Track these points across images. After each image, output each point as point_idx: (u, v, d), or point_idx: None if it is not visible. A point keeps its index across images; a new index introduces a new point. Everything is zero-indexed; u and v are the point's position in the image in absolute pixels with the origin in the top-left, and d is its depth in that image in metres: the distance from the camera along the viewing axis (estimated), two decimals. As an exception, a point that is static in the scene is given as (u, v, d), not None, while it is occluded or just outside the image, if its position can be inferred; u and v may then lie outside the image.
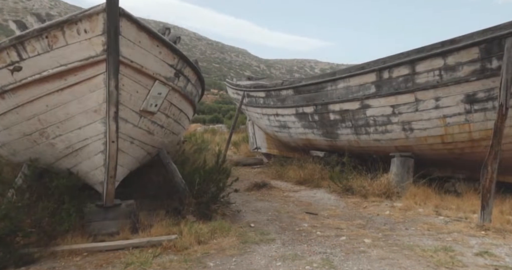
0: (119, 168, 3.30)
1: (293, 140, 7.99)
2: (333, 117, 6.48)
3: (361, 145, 6.26)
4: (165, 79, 3.31)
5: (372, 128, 5.86)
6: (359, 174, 5.97)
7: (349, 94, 6.05)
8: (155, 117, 3.54)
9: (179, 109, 4.10)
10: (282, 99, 7.63)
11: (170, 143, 4.71)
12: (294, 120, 7.48)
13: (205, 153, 8.35)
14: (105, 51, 2.67)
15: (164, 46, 3.15)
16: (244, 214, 4.62)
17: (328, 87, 6.41)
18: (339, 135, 6.54)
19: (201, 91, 4.98)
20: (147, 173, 5.06)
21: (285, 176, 7.13)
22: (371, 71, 5.62)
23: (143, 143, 3.60)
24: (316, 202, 5.30)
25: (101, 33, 2.68)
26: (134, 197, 5.06)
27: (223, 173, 4.81)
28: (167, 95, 3.50)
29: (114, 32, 2.62)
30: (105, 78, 2.74)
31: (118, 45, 2.66)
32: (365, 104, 5.83)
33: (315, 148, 7.50)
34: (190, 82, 3.99)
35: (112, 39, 2.63)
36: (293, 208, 4.92)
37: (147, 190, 5.02)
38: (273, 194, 5.84)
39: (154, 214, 4.38)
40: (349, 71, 5.99)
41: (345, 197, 5.56)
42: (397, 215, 4.53)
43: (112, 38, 2.63)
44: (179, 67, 3.51)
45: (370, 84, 5.69)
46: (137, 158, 3.74)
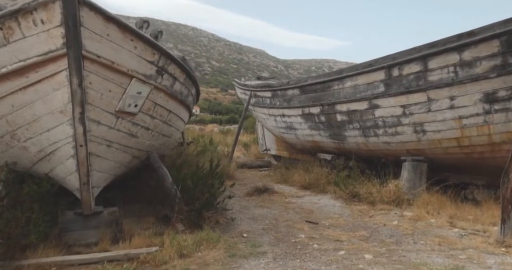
0: (96, 173, 3.06)
1: (300, 141, 7.64)
2: (340, 118, 6.10)
3: (370, 148, 5.85)
4: (144, 77, 3.04)
5: (381, 130, 5.45)
6: (367, 179, 5.57)
7: (356, 94, 5.65)
8: (137, 118, 3.28)
9: (167, 110, 3.84)
10: (288, 99, 7.28)
11: (162, 145, 4.46)
12: (300, 121, 7.12)
13: (210, 155, 8.11)
14: (65, 45, 2.41)
15: (139, 40, 2.87)
16: (239, 222, 4.31)
17: (335, 86, 6.03)
18: (346, 137, 6.15)
19: (194, 91, 4.71)
20: (145, 176, 4.84)
21: (290, 180, 6.78)
22: (379, 68, 5.21)
23: (125, 146, 3.35)
24: (319, 210, 4.94)
25: (60, 24, 2.39)
26: (125, 202, 4.86)
27: (218, 178, 4.52)
28: (149, 94, 3.24)
29: (73, 23, 2.35)
30: (68, 75, 2.48)
31: (79, 38, 2.40)
32: (374, 104, 5.42)
33: (322, 150, 7.13)
34: (177, 81, 3.72)
35: (71, 30, 2.36)
36: (293, 216, 4.58)
37: (142, 195, 4.80)
38: (274, 199, 5.51)
39: (143, 222, 4.16)
40: (357, 69, 5.60)
41: (351, 204, 5.17)
42: (405, 226, 4.12)
43: (71, 30, 2.36)
44: (161, 64, 3.24)
45: (379, 83, 5.28)
46: (120, 162, 3.50)
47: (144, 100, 3.20)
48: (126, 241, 3.32)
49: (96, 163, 2.96)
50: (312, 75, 6.78)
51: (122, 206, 4.71)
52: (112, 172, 3.43)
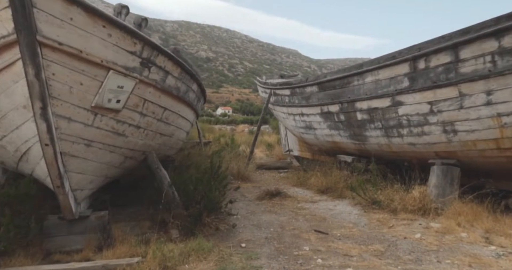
0: (75, 175, 2.83)
1: (320, 142, 7.15)
2: (360, 117, 5.57)
3: (393, 150, 5.28)
4: (124, 70, 2.76)
5: (406, 129, 4.87)
6: (389, 184, 5.02)
7: (378, 90, 5.11)
8: (122, 116, 3.02)
9: (161, 107, 3.56)
10: (306, 97, 6.83)
11: (162, 145, 4.20)
12: (319, 120, 6.64)
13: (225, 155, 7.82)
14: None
15: (114, 27, 2.56)
16: (241, 229, 3.96)
17: (355, 82, 5.51)
18: (367, 138, 5.60)
19: (196, 87, 4.40)
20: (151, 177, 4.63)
21: (307, 183, 6.32)
22: (403, 61, 4.65)
23: (112, 146, 3.10)
24: (333, 217, 4.47)
25: (8, 5, 2.11)
26: (129, 204, 4.66)
27: (220, 180, 4.19)
28: (134, 89, 2.96)
29: (20, 2, 2.06)
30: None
31: (30, 21, 2.11)
32: (397, 101, 4.86)
33: (343, 151, 6.60)
34: (170, 75, 3.43)
35: (19, 12, 2.06)
36: (301, 224, 4.16)
37: (147, 197, 4.59)
38: (285, 204, 5.10)
39: (139, 226, 3.92)
40: (378, 62, 5.05)
41: (370, 212, 4.65)
42: (430, 240, 3.57)
43: (19, 11, 2.06)
44: (145, 56, 2.95)
45: (403, 77, 4.72)
46: (108, 163, 3.26)
47: (128, 95, 2.92)
48: (111, 249, 3.08)
49: (73, 164, 2.72)
50: (331, 71, 6.28)
51: (124, 209, 4.54)
52: (100, 173, 3.20)
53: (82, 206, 3.23)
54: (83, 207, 3.26)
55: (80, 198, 3.05)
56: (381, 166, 5.29)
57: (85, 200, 3.31)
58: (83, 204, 3.25)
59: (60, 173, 2.53)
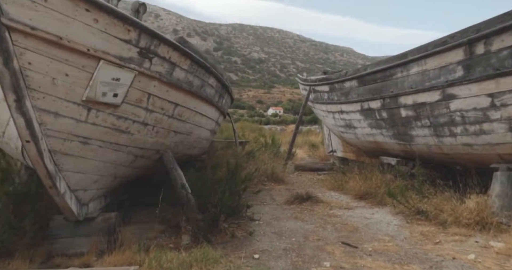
0: (72, 175, 2.67)
1: (361, 142, 6.50)
2: (405, 114, 4.88)
3: (445, 151, 4.53)
4: (118, 60, 2.52)
5: (460, 128, 4.13)
6: (439, 191, 4.31)
7: (425, 82, 4.41)
8: (123, 111, 2.80)
9: (171, 103, 3.31)
10: (345, 92, 6.24)
11: (179, 144, 3.97)
12: (359, 118, 6.02)
13: (262, 155, 7.49)
14: None
15: (100, 11, 2.31)
16: (260, 237, 3.58)
17: (398, 73, 4.84)
18: (414, 137, 4.90)
19: (215, 82, 4.09)
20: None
21: (345, 187, 5.75)
22: (457, 46, 3.93)
23: (115, 144, 2.91)
24: (367, 227, 3.90)
25: None
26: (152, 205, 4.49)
27: (238, 183, 3.85)
28: (134, 82, 2.72)
29: None
30: None
31: None
32: (448, 94, 4.14)
33: (386, 153, 5.91)
34: (178, 67, 3.16)
35: None
36: (328, 234, 3.67)
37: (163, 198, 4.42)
38: (315, 210, 4.61)
39: (152, 229, 3.72)
40: (426, 49, 4.36)
41: (413, 223, 4.00)
42: (488, 263, 2.90)
43: None
44: (144, 45, 2.70)
45: (456, 65, 3.99)
46: (114, 162, 3.08)
47: (128, 89, 2.69)
48: (113, 254, 2.88)
49: (68, 163, 2.55)
50: (372, 63, 5.64)
51: (144, 209, 4.38)
52: (105, 172, 3.03)
53: (92, 207, 3.09)
54: (94, 207, 3.12)
55: (85, 198, 2.90)
56: (429, 170, 4.57)
57: (96, 200, 3.17)
58: (93, 204, 3.11)
59: (49, 173, 2.37)
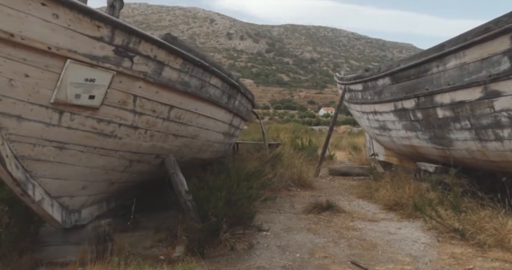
0: (54, 181, 2.59)
1: (396, 146, 5.87)
2: (442, 114, 4.25)
3: (490, 158, 3.85)
4: (89, 59, 2.38)
5: (507, 131, 3.46)
6: (481, 205, 3.67)
7: (464, 77, 3.78)
8: (104, 114, 2.66)
9: (165, 105, 3.15)
10: (378, 91, 5.68)
11: (183, 148, 3.82)
12: (393, 119, 5.43)
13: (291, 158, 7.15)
14: None
15: (59, 5, 2.14)
16: (261, 251, 3.29)
17: (433, 68, 4.24)
18: (452, 141, 4.25)
19: (217, 81, 3.84)
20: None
21: (376, 195, 5.20)
22: (501, 33, 3.29)
23: (100, 148, 2.81)
24: (388, 245, 3.42)
25: None
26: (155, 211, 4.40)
27: (242, 190, 3.60)
28: (113, 83, 2.59)
29: None
30: None
31: None
32: (492, 91, 3.49)
33: (424, 158, 5.25)
34: (168, 67, 2.98)
35: None
36: (339, 251, 3.26)
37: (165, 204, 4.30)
38: (334, 221, 4.19)
39: (152, 238, 3.59)
40: (465, 39, 3.74)
41: (446, 242, 3.42)
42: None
43: None
44: (120, 43, 2.53)
45: (501, 57, 3.35)
46: (105, 168, 2.98)
47: (106, 90, 2.57)
48: (95, 265, 2.77)
49: (43, 169, 2.47)
50: (406, 57, 5.03)
51: (150, 216, 4.27)
52: (95, 178, 2.95)
53: (87, 213, 3.03)
54: (90, 214, 3.07)
55: (74, 205, 2.84)
56: (468, 180, 3.92)
57: (92, 207, 3.11)
58: (88, 211, 3.05)
59: (17, 180, 2.28)
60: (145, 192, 4.39)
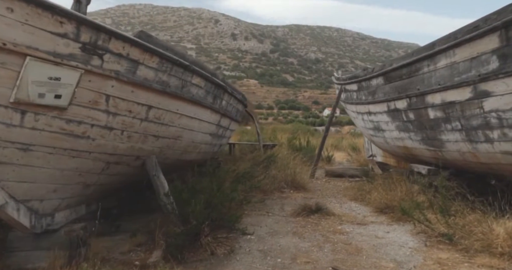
0: (20, 185, 2.48)
1: (390, 147, 5.76)
2: (433, 115, 4.15)
3: (481, 160, 3.74)
4: (52, 57, 2.29)
5: (497, 132, 3.35)
6: (471, 208, 3.57)
7: (454, 77, 3.68)
8: (74, 114, 2.57)
9: (142, 105, 3.06)
10: (372, 91, 5.58)
11: (166, 149, 3.76)
12: (387, 120, 5.33)
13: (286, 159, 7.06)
14: None
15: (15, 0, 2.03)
16: (242, 256, 3.21)
17: (424, 68, 4.14)
18: (444, 143, 4.14)
19: (200, 81, 3.76)
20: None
21: (367, 198, 5.10)
22: (490, 30, 3.19)
23: (71, 150, 2.70)
24: (374, 249, 3.32)
25: None
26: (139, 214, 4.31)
27: (225, 193, 3.52)
28: (81, 82, 2.50)
29: None
30: None
31: None
32: (481, 91, 3.38)
33: (418, 160, 5.14)
34: (143, 65, 2.89)
35: None
36: (322, 256, 3.17)
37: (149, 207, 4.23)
38: (321, 224, 4.10)
39: (129, 242, 3.50)
40: (455, 37, 3.64)
41: (434, 247, 3.32)
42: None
43: None
44: (88, 40, 2.43)
45: (489, 56, 3.25)
46: (79, 170, 2.88)
47: (74, 89, 2.47)
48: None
49: (6, 172, 2.38)
50: (399, 56, 4.93)
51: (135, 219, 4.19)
52: (67, 181, 2.84)
53: (62, 217, 2.96)
54: (65, 217, 3.00)
55: (45, 208, 2.76)
56: (457, 183, 3.81)
57: (67, 210, 3.04)
58: (63, 214, 2.97)
59: None
60: (131, 194, 4.34)
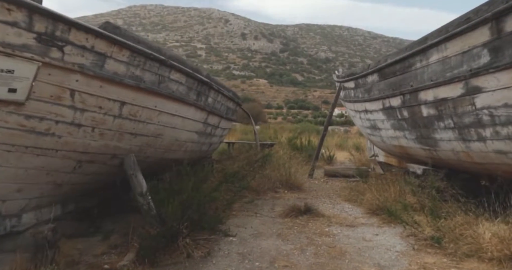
0: None
1: (387, 146, 5.58)
2: (426, 113, 3.97)
3: (475, 160, 3.56)
4: (1, 47, 2.17)
5: (489, 130, 3.17)
6: (463, 210, 3.39)
7: (446, 72, 3.50)
8: (34, 109, 2.47)
9: (114, 101, 2.96)
10: (368, 88, 5.41)
11: (146, 147, 3.67)
12: (382, 118, 5.15)
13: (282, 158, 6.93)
14: None
15: None
16: (219, 259, 3.10)
17: (417, 63, 3.96)
18: (438, 141, 3.96)
19: (180, 76, 3.64)
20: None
21: (360, 198, 4.93)
22: (480, 23, 3.02)
23: (34, 147, 2.59)
24: (359, 253, 3.18)
25: None
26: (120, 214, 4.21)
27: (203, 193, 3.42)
28: (39, 75, 2.37)
29: None
30: None
31: None
32: (473, 86, 3.21)
33: (413, 159, 4.95)
34: (112, 59, 2.78)
35: None
36: (303, 259, 3.04)
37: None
38: (309, 226, 3.96)
39: (103, 244, 3.42)
40: (446, 30, 3.46)
41: (422, 251, 3.16)
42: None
43: None
44: (43, 30, 2.30)
45: (481, 49, 3.07)
46: (46, 169, 2.76)
47: (31, 83, 2.35)
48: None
49: None
50: (394, 52, 4.76)
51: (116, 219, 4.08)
52: (34, 180, 2.73)
53: (30, 218, 2.87)
54: (35, 218, 2.92)
55: (9, 209, 2.66)
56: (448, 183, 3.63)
57: (36, 211, 2.96)
58: (30, 215, 2.87)
59: None
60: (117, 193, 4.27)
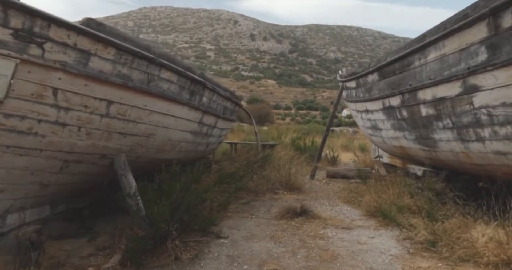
0: None
1: (388, 147, 5.47)
2: (425, 112, 3.86)
3: (474, 161, 3.44)
4: None
5: (488, 130, 3.05)
6: (461, 213, 3.28)
7: (444, 70, 3.40)
8: (14, 108, 2.43)
9: (100, 100, 2.93)
10: (369, 88, 5.31)
11: (137, 147, 3.63)
12: (382, 118, 5.04)
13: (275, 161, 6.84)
14: None
15: None
16: (208, 261, 3.04)
17: (416, 62, 3.86)
18: (437, 142, 3.84)
19: (171, 75, 3.59)
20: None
21: (358, 200, 4.83)
22: (478, 19, 2.91)
23: (16, 147, 2.54)
24: (351, 256, 3.09)
25: None
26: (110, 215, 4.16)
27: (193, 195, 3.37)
28: (18, 73, 2.32)
29: None
30: None
31: None
32: (471, 85, 3.09)
33: (414, 160, 4.83)
34: (96, 56, 2.74)
35: None
36: (293, 263, 2.97)
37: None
38: (303, 228, 3.88)
39: (90, 245, 3.38)
40: (444, 27, 3.35)
41: (417, 254, 3.05)
42: None
43: None
44: (20, 26, 2.25)
45: (478, 46, 2.96)
46: (30, 169, 2.71)
47: (9, 81, 2.30)
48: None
49: None
50: (393, 50, 4.65)
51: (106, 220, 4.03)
52: (17, 180, 2.68)
53: (15, 219, 2.84)
54: (19, 219, 2.89)
55: None
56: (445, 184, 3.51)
57: (23, 212, 2.94)
58: (15, 216, 2.83)
59: None
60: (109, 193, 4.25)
